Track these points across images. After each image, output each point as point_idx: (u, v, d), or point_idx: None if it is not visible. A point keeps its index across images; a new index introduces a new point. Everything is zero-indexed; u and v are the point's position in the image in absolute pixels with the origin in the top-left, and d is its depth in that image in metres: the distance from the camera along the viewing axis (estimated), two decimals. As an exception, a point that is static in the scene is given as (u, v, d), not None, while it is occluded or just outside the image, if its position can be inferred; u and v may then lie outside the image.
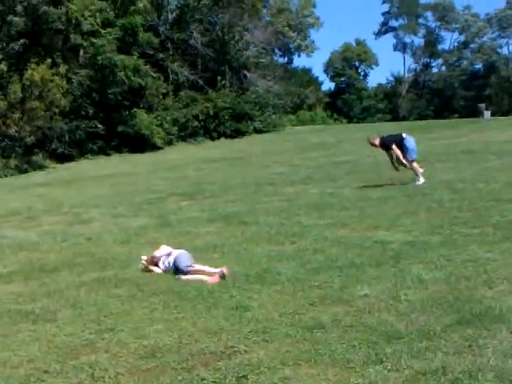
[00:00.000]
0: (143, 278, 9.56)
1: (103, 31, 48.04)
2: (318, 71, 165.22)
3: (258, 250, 10.96)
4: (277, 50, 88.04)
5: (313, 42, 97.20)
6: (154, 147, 49.93)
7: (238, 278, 9.03)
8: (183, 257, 9.87)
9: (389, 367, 5.63)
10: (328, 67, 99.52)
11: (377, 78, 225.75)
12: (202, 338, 6.75)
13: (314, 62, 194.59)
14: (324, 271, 9.00)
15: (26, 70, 43.21)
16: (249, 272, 9.30)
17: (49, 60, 43.30)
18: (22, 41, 43.69)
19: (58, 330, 7.39)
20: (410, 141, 18.07)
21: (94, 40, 47.25)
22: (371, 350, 6.02)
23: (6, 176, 39.56)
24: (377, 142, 18.37)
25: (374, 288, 7.96)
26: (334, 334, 6.52)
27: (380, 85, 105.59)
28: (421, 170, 17.72)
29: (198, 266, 9.53)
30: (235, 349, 6.35)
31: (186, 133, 54.28)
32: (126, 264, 10.73)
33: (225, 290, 8.44)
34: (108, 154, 48.88)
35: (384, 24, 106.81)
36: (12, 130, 42.42)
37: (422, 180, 17.37)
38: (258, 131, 58.04)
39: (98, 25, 47.20)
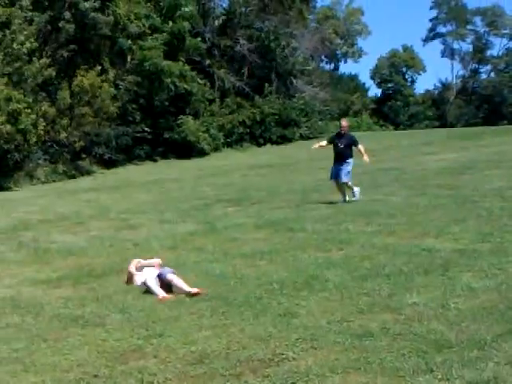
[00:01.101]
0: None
1: (150, 37, 48.39)
2: (365, 77, 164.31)
3: (306, 256, 10.93)
4: (323, 57, 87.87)
5: (360, 49, 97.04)
6: (201, 153, 50.15)
7: (286, 284, 9.01)
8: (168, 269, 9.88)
9: (439, 377, 5.56)
10: (375, 73, 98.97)
11: (424, 84, 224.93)
12: (250, 344, 6.74)
13: (360, 68, 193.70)
14: (372, 278, 8.93)
15: (75, 76, 43.67)
16: (296, 279, 9.27)
17: (98, 67, 43.70)
18: (70, 47, 44.14)
19: (107, 334, 7.44)
20: None
21: (141, 43, 47.62)
22: (421, 358, 5.95)
23: (54, 181, 39.99)
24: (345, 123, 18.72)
25: (423, 296, 7.89)
26: (383, 342, 6.47)
27: (427, 91, 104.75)
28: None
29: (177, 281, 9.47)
30: (283, 356, 6.32)
31: (233, 139, 54.46)
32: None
33: (273, 297, 8.42)
34: (154, 160, 49.20)
35: (432, 30, 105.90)
36: (60, 136, 42.84)
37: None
38: (304, 137, 57.96)
39: (144, 26, 47.57)
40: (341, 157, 17.84)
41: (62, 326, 7.94)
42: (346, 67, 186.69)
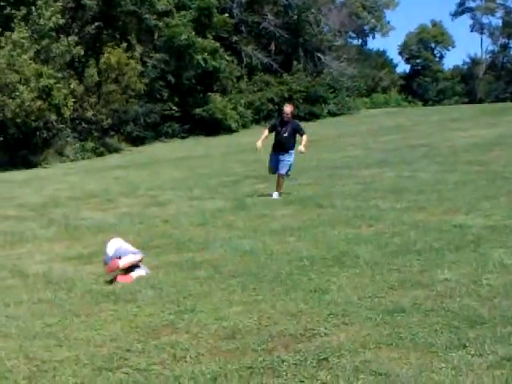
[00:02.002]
0: (221, 260, 9.59)
1: (177, 15, 48.30)
2: (393, 54, 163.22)
3: (335, 233, 10.91)
4: (351, 32, 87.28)
5: (388, 22, 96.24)
6: (229, 130, 50.16)
7: (316, 260, 9.01)
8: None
9: (472, 352, 5.54)
10: (403, 49, 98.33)
11: (453, 59, 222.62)
12: (281, 320, 6.74)
13: (388, 44, 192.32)
14: (402, 255, 8.91)
15: (102, 53, 43.74)
16: (327, 255, 9.27)
17: (124, 44, 43.71)
18: (96, 24, 44.19)
19: (139, 310, 7.48)
20: None
21: (168, 20, 47.54)
22: (453, 334, 5.93)
23: (82, 159, 40.20)
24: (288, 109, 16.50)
25: (455, 272, 7.86)
26: (415, 317, 6.45)
27: (456, 67, 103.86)
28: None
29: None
30: (315, 331, 6.32)
31: (261, 116, 54.37)
32: (204, 246, 10.78)
33: (303, 273, 8.42)
34: (182, 137, 49.26)
35: (461, 4, 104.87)
36: (88, 114, 43.00)
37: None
38: (332, 114, 57.78)
39: (170, 4, 47.47)
40: (282, 146, 16.16)
41: (93, 301, 7.99)
42: (374, 43, 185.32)
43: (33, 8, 37.90)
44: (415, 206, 12.71)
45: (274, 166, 16.37)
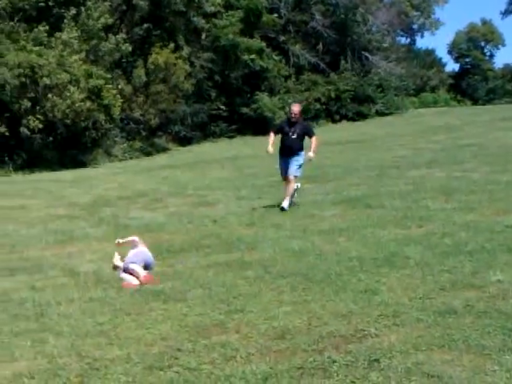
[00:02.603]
0: (270, 261, 9.58)
1: (225, 14, 48.45)
2: (442, 53, 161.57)
3: (385, 233, 10.85)
4: (399, 31, 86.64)
5: (437, 19, 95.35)
6: (275, 130, 50.08)
7: (366, 261, 8.96)
8: (131, 254, 9.75)
9: (526, 355, 5.46)
10: (452, 48, 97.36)
11: (503, 58, 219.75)
12: (331, 320, 6.72)
13: (437, 43, 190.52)
14: (453, 256, 8.81)
15: (150, 54, 44.04)
16: (376, 255, 9.22)
17: (172, 44, 43.95)
18: (145, 25, 44.53)
19: (189, 309, 7.50)
20: None
21: (216, 21, 47.69)
22: (507, 336, 5.85)
23: (131, 158, 40.48)
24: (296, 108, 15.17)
25: (507, 274, 7.74)
26: (467, 319, 6.37)
27: (507, 65, 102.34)
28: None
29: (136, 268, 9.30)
30: (365, 332, 6.28)
31: (308, 116, 54.27)
32: (252, 246, 10.79)
33: (353, 274, 8.38)
34: (230, 137, 49.35)
35: (511, 3, 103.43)
36: (136, 114, 43.33)
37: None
38: (379, 114, 57.48)
39: (219, 5, 47.62)
40: (290, 150, 14.76)
41: (143, 300, 8.03)
42: (423, 42, 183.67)
43: (82, 8, 38.31)
44: (466, 206, 12.57)
45: (285, 169, 14.96)
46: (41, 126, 34.01)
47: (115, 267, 9.62)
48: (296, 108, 15.08)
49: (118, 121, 40.35)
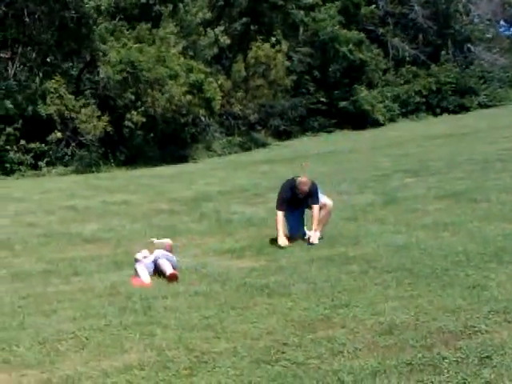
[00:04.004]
0: (374, 255, 9.49)
1: (323, 7, 48.30)
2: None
3: (491, 228, 10.60)
4: (502, 21, 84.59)
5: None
6: (375, 124, 49.70)
7: (473, 256, 8.78)
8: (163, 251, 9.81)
9: None
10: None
11: None
12: (439, 316, 6.60)
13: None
14: None
15: (249, 49, 44.27)
16: (483, 250, 9.02)
17: (271, 38, 44.06)
18: (243, 20, 44.85)
19: (294, 304, 7.49)
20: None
21: (314, 14, 47.60)
22: None
23: (229, 153, 40.77)
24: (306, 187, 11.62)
25: None
26: None
27: None
28: None
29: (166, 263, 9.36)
30: (475, 328, 6.15)
31: (408, 109, 53.61)
32: (355, 241, 10.71)
33: (460, 269, 8.22)
34: (328, 131, 49.18)
35: None
36: (236, 109, 43.61)
37: None
38: (482, 106, 56.31)
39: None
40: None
41: (248, 294, 8.06)
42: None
43: (180, 4, 38.84)
44: None
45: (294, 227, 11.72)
46: (143, 119, 34.64)
47: (136, 260, 9.68)
48: (305, 188, 11.63)
49: (217, 116, 40.71)
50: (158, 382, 5.63)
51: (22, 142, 31.58)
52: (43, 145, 32.26)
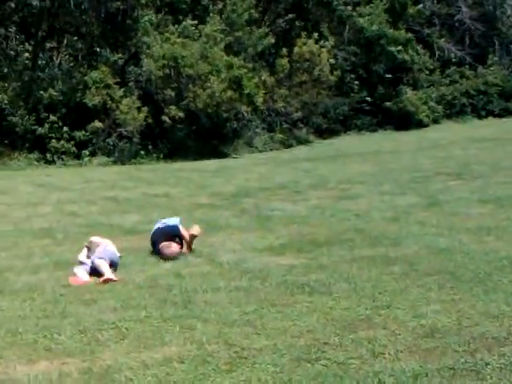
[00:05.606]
0: (415, 257, 9.43)
1: (369, 6, 48.04)
2: None
3: (537, 233, 10.49)
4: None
5: None
6: (419, 125, 49.29)
7: (517, 262, 8.69)
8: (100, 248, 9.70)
9: None
10: None
11: None
12: (482, 321, 6.54)
13: None
14: None
15: (293, 45, 44.13)
16: (528, 256, 8.92)
17: (316, 34, 43.86)
18: (289, 16, 44.78)
19: (334, 303, 7.46)
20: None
21: (360, 10, 47.39)
22: None
23: (270, 150, 40.68)
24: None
25: None
26: None
27: None
28: None
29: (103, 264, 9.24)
30: (519, 335, 6.09)
31: (453, 111, 53.09)
32: (397, 242, 10.63)
33: (503, 275, 8.15)
34: (372, 131, 48.88)
35: None
36: (278, 105, 43.50)
37: None
38: (529, 110, 55.61)
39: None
40: None
41: (288, 292, 8.04)
42: None
43: (227, 2, 38.91)
44: None
45: None
46: (181, 114, 34.74)
47: (80, 263, 9.65)
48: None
49: (260, 112, 40.68)
50: (198, 376, 5.64)
51: (65, 129, 31.89)
52: (87, 133, 32.53)
